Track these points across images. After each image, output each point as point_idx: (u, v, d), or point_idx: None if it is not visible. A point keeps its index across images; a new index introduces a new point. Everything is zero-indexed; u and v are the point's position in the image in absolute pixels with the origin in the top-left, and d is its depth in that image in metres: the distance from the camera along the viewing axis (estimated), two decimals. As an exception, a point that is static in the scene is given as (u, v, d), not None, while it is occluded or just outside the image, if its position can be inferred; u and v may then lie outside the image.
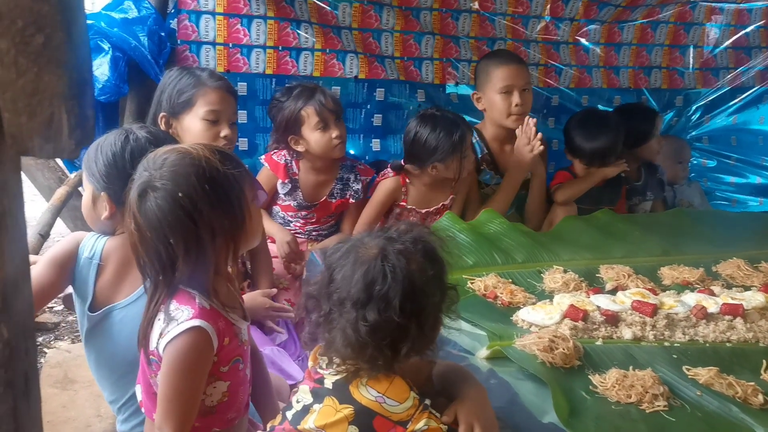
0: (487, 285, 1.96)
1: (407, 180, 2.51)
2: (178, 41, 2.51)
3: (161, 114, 2.08)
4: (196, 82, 2.08)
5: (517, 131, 2.54)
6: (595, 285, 2.04)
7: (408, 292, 1.10)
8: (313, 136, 2.35)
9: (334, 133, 2.34)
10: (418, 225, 1.23)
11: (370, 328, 1.09)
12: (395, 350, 1.11)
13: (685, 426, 1.35)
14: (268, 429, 1.24)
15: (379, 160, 2.86)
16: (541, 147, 2.51)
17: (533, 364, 1.51)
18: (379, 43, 2.78)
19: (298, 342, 2.13)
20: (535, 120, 2.53)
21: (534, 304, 1.86)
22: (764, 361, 1.61)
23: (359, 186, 2.52)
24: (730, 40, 3.50)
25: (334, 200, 2.51)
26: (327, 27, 2.66)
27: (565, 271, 2.08)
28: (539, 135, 2.49)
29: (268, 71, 2.63)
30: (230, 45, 2.57)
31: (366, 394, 1.13)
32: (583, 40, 3.20)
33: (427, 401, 1.16)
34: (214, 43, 2.55)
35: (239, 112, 2.59)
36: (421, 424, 1.12)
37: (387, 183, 2.51)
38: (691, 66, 3.48)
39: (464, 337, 1.70)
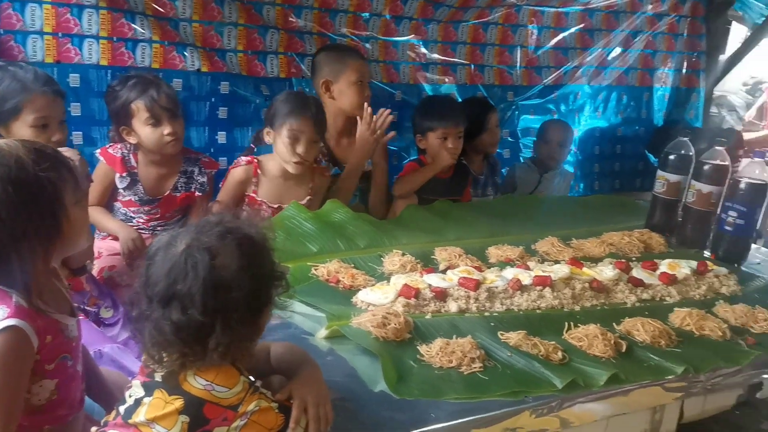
0: (330, 270, 2.05)
1: (259, 171, 2.52)
2: (2, 31, 2.36)
3: None
4: (22, 87, 1.98)
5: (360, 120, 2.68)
6: (429, 265, 2.20)
7: (209, 289, 1.11)
8: (143, 131, 2.31)
9: (166, 130, 2.30)
10: (231, 216, 1.23)
11: (174, 326, 1.11)
12: (203, 346, 1.12)
13: (496, 383, 1.53)
14: (102, 424, 1.24)
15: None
16: (391, 134, 2.71)
17: (367, 340, 1.63)
18: (222, 36, 2.77)
19: (141, 338, 2.10)
20: (389, 111, 2.70)
21: (373, 286, 1.98)
22: (566, 323, 1.84)
23: (204, 179, 2.51)
24: (552, 42, 3.86)
25: (178, 194, 2.48)
26: (163, 20, 2.62)
27: (403, 254, 2.22)
28: (390, 119, 2.67)
29: (103, 62, 2.53)
30: (60, 35, 2.45)
31: (195, 383, 1.15)
32: (417, 40, 3.38)
33: (258, 383, 1.21)
34: (41, 33, 2.42)
35: (73, 104, 2.51)
36: (251, 406, 1.17)
37: (236, 171, 2.52)
38: (518, 64, 3.79)
39: (306, 320, 1.79)
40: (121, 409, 1.19)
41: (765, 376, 1.91)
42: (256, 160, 2.53)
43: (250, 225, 1.23)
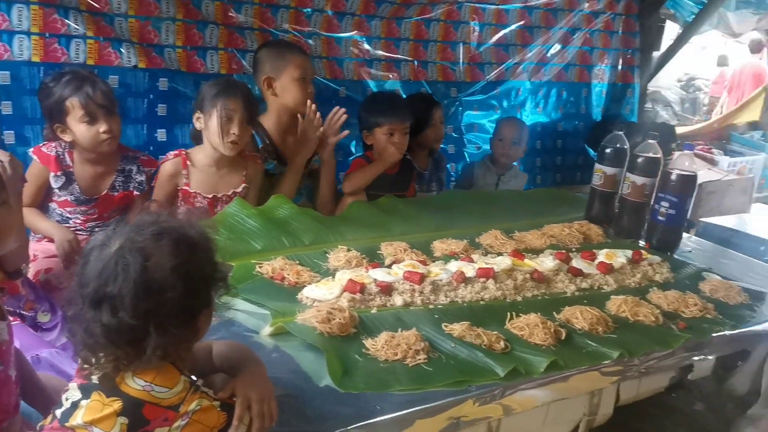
0: (275, 267, 2.04)
1: (188, 162, 2.49)
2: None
3: None
4: None
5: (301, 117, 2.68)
6: (375, 260, 2.21)
7: (140, 292, 1.08)
8: (78, 129, 2.24)
9: (102, 128, 2.25)
10: (168, 216, 1.20)
11: (105, 330, 1.08)
12: (138, 349, 1.10)
13: (440, 373, 1.55)
14: (38, 429, 1.20)
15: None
16: (345, 132, 2.75)
17: (312, 335, 1.63)
18: (159, 32, 2.72)
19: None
20: (343, 110, 2.74)
21: (318, 282, 1.98)
22: (508, 314, 1.89)
23: (143, 177, 2.46)
24: (493, 39, 3.92)
25: (116, 193, 2.42)
26: (98, 15, 2.55)
27: (348, 250, 2.22)
28: (344, 117, 2.71)
29: (35, 59, 2.46)
30: (-13, 31, 2.37)
31: (133, 384, 1.13)
32: (360, 36, 3.38)
33: (199, 382, 1.19)
34: (-34, 29, 2.34)
35: (4, 102, 2.43)
36: (193, 405, 1.15)
37: (165, 166, 2.49)
38: (461, 61, 3.84)
39: (250, 317, 1.77)
40: (58, 412, 1.16)
41: (696, 358, 2.00)
42: (184, 153, 2.50)
43: (189, 225, 1.20)
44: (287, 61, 2.70)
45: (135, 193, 2.46)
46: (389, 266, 2.12)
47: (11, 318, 1.38)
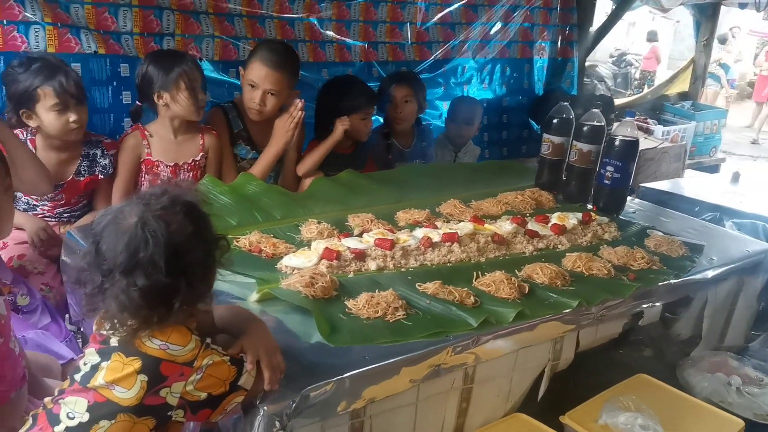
0: (252, 241, 2.13)
1: (147, 132, 2.57)
2: None
3: None
4: None
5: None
6: (345, 231, 2.32)
7: (171, 253, 1.20)
8: (47, 117, 2.26)
9: (72, 117, 2.27)
10: (172, 185, 1.31)
11: (142, 292, 1.19)
12: (168, 307, 1.22)
13: (419, 327, 1.68)
14: (56, 393, 1.28)
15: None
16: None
17: (298, 298, 1.74)
18: (116, 19, 2.72)
19: (62, 323, 2.10)
20: (303, 102, 2.75)
21: (295, 252, 2.08)
22: (474, 273, 2.03)
23: (107, 161, 2.48)
24: (437, 17, 4.04)
25: (82, 178, 2.45)
26: (53, 2, 2.53)
27: (319, 223, 2.33)
28: (300, 109, 2.72)
29: (-5, 47, 2.43)
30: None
31: (150, 344, 1.23)
32: (312, 19, 3.45)
33: (208, 340, 1.30)
34: None
35: (-37, 91, 2.40)
36: (206, 361, 1.27)
37: (127, 139, 2.56)
38: (409, 40, 3.95)
39: (235, 287, 1.85)
40: (77, 376, 1.24)
41: (645, 305, 2.19)
42: (141, 126, 2.59)
43: (190, 192, 1.32)
44: (249, 62, 2.74)
45: (100, 177, 2.48)
46: (359, 235, 2.23)
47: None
